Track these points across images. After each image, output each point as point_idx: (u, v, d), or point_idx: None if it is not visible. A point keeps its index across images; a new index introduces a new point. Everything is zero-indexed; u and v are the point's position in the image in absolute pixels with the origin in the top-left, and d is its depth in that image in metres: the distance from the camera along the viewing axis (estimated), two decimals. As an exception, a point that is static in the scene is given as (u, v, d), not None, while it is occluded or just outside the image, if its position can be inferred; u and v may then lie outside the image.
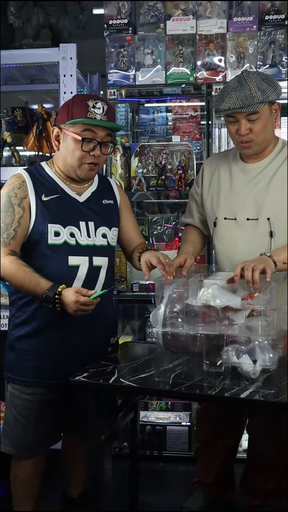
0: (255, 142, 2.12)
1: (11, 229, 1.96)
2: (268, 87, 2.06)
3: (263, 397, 1.72)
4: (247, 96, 2.03)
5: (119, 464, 3.08)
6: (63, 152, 2.03)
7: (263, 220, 2.15)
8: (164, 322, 1.87)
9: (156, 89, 3.25)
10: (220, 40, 2.97)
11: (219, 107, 2.11)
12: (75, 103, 1.99)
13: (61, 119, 2.03)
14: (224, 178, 2.26)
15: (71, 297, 1.85)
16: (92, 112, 1.96)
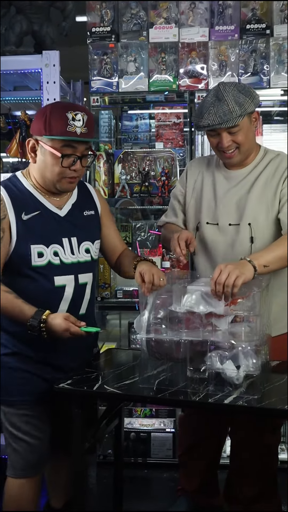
0: (239, 151, 2.14)
1: None
2: (246, 99, 2.07)
3: (247, 403, 1.72)
4: (225, 111, 2.04)
5: (104, 471, 3.06)
6: (41, 165, 1.92)
7: (244, 226, 2.16)
8: (148, 329, 1.87)
9: (139, 96, 3.27)
10: (202, 48, 3.00)
11: (198, 124, 2.11)
12: (53, 115, 1.86)
13: (37, 129, 1.89)
14: (207, 184, 2.28)
15: (61, 326, 1.80)
16: (72, 126, 1.85)
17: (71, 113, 1.85)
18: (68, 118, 1.84)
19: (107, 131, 3.29)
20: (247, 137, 2.13)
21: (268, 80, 2.96)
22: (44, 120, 1.86)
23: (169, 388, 1.83)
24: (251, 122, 2.14)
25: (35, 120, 1.92)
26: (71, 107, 1.90)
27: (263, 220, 2.15)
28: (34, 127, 1.91)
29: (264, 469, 2.33)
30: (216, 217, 2.22)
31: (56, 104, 2.01)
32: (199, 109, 2.13)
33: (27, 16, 2.95)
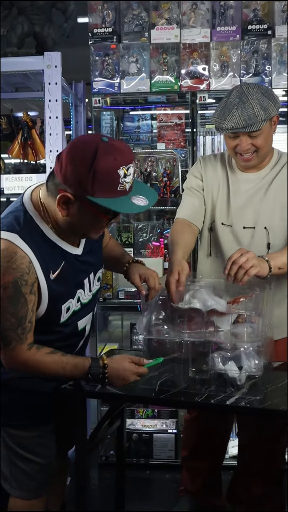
0: (257, 155, 2.12)
1: (26, 322, 1.65)
2: (269, 103, 2.03)
3: (249, 404, 1.72)
4: (250, 115, 2.00)
5: (106, 472, 3.07)
6: (74, 220, 1.63)
7: (260, 229, 2.15)
8: (150, 329, 1.88)
9: (141, 97, 3.27)
10: (203, 49, 3.00)
11: (221, 126, 2.05)
12: (103, 175, 1.52)
13: (76, 184, 1.55)
14: (221, 184, 2.25)
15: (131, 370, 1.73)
16: (123, 183, 1.56)
17: (124, 168, 1.55)
18: (120, 176, 1.55)
19: (108, 132, 3.29)
20: (267, 141, 2.11)
21: (269, 81, 2.96)
22: (91, 178, 1.53)
23: (171, 389, 1.83)
24: (271, 126, 2.11)
25: (71, 169, 1.55)
26: (123, 159, 1.56)
27: (278, 223, 2.14)
28: (71, 179, 1.56)
29: (272, 469, 2.33)
30: (230, 219, 2.20)
31: (104, 153, 1.53)
32: (221, 110, 2.07)
33: (28, 17, 2.95)
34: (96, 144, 1.54)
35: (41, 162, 3.00)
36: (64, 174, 1.57)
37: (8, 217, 1.68)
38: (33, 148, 2.99)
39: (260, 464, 2.32)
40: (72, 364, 1.70)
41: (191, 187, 2.29)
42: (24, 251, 1.62)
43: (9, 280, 1.60)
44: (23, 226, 1.65)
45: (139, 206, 1.60)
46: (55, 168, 1.62)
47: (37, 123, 2.99)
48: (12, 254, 1.60)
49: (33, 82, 3.13)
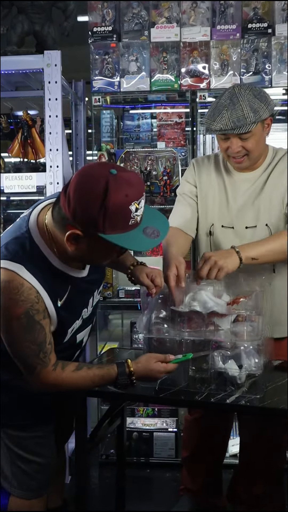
0: (248, 157, 2.11)
1: (46, 345, 1.64)
2: (261, 104, 2.01)
3: (249, 402, 1.73)
4: (239, 117, 1.99)
5: (106, 471, 3.07)
6: (84, 254, 1.60)
7: (261, 227, 2.15)
8: (150, 328, 1.88)
9: (141, 95, 3.26)
10: (204, 47, 3.00)
11: (210, 127, 2.04)
12: (115, 212, 1.48)
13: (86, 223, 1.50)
14: (217, 186, 2.23)
15: (158, 370, 1.72)
16: (134, 218, 1.52)
17: (135, 203, 1.51)
18: (131, 212, 1.51)
19: (108, 131, 3.29)
20: (258, 144, 2.09)
21: (269, 79, 2.95)
22: (102, 217, 1.48)
23: (171, 388, 1.83)
24: (264, 128, 2.10)
25: (81, 208, 1.50)
26: (134, 194, 1.51)
27: (278, 219, 2.14)
28: (81, 218, 1.51)
29: (273, 468, 2.33)
30: (231, 220, 2.19)
31: (115, 190, 1.48)
32: (212, 111, 2.06)
33: (28, 16, 2.95)
34: (105, 179, 1.48)
35: (41, 161, 3.00)
36: (73, 212, 1.51)
37: (12, 244, 1.63)
38: (33, 147, 2.99)
39: (261, 463, 2.32)
40: (99, 376, 1.71)
41: (184, 193, 2.28)
42: (30, 283, 1.58)
43: (21, 312, 1.58)
44: (29, 256, 1.61)
45: (152, 241, 1.58)
46: (61, 202, 1.56)
47: (37, 122, 2.98)
48: (19, 286, 1.57)
49: (33, 81, 3.13)
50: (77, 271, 1.72)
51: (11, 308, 1.58)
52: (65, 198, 1.54)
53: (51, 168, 2.78)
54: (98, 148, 3.23)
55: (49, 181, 2.78)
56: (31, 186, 2.87)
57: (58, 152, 2.78)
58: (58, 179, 2.79)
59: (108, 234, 1.51)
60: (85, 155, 3.41)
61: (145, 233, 1.57)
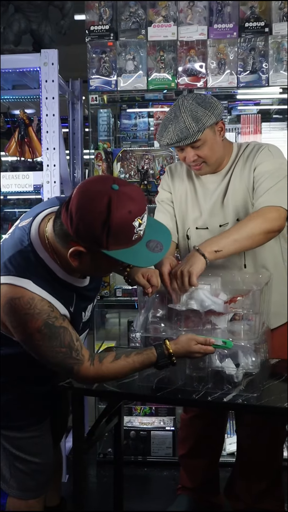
0: (206, 164, 2.12)
1: (75, 343, 1.64)
2: (205, 112, 2.01)
3: (246, 401, 1.73)
4: (182, 129, 2.00)
5: (104, 470, 3.07)
6: (87, 268, 1.60)
7: (232, 223, 2.15)
8: (147, 327, 1.88)
9: (138, 94, 3.26)
10: (201, 46, 2.99)
11: (160, 142, 2.08)
12: (119, 229, 1.48)
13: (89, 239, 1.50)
14: (188, 190, 2.26)
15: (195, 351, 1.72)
16: (137, 233, 1.52)
17: (138, 219, 1.50)
18: (135, 227, 1.50)
19: (105, 130, 3.29)
20: (212, 150, 2.09)
21: (267, 78, 2.95)
22: (106, 234, 1.47)
23: (168, 387, 1.83)
24: (216, 133, 2.09)
25: (84, 226, 1.48)
26: (137, 210, 1.50)
27: (246, 211, 2.14)
28: (84, 235, 1.50)
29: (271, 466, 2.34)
30: (204, 221, 2.21)
31: (118, 208, 1.47)
32: (161, 126, 2.08)
33: (25, 14, 2.95)
34: (107, 196, 1.47)
35: (38, 160, 3.00)
36: (76, 229, 1.50)
37: (16, 258, 1.61)
38: (30, 146, 2.99)
39: (258, 461, 2.32)
40: (139, 362, 1.72)
41: (162, 200, 2.33)
42: (41, 296, 1.57)
43: (39, 324, 1.56)
44: (35, 270, 1.60)
45: (155, 255, 1.58)
46: (63, 218, 1.54)
47: (34, 120, 2.98)
48: (30, 301, 1.56)
49: (30, 79, 3.12)
50: (79, 280, 1.73)
51: (28, 323, 1.56)
52: (67, 215, 1.52)
53: (48, 167, 2.78)
54: (95, 147, 3.23)
55: (46, 180, 2.78)
56: (28, 185, 2.87)
57: (55, 151, 2.78)
58: (55, 178, 2.79)
59: (112, 250, 1.50)
60: (82, 154, 3.41)
61: (148, 247, 1.57)
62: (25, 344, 1.63)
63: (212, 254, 1.90)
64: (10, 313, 1.57)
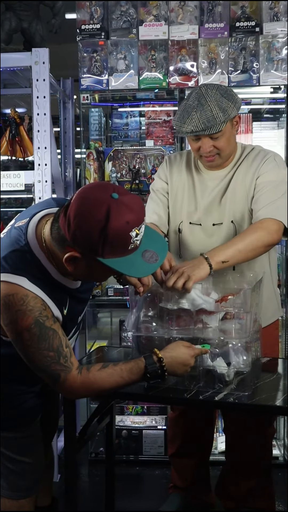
0: (219, 156, 2.12)
1: (64, 348, 1.61)
2: (229, 103, 2.03)
3: (237, 400, 1.73)
4: (209, 118, 2.00)
5: (95, 469, 3.07)
6: (81, 273, 1.61)
7: (227, 224, 2.16)
8: (138, 326, 1.88)
9: (129, 94, 3.26)
10: (192, 46, 3.00)
11: (181, 129, 2.05)
12: (115, 238, 1.48)
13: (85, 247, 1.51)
14: (186, 183, 2.25)
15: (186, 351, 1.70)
16: (133, 243, 1.52)
17: (136, 230, 1.51)
18: (131, 237, 1.51)
19: (97, 129, 3.28)
20: (229, 142, 2.11)
21: (257, 77, 2.96)
22: (102, 242, 1.48)
23: (160, 386, 1.83)
24: (233, 126, 2.11)
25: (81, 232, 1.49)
26: (135, 220, 1.50)
27: (243, 215, 2.15)
28: (81, 242, 1.51)
29: (260, 463, 2.35)
30: (199, 218, 2.21)
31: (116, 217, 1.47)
32: (181, 113, 2.07)
33: (16, 13, 2.94)
34: (106, 205, 1.47)
35: (29, 159, 2.99)
36: (73, 235, 1.51)
37: (12, 257, 1.61)
38: (21, 145, 2.98)
39: (248, 459, 2.33)
40: (127, 369, 1.66)
41: (157, 190, 2.30)
42: (35, 293, 1.57)
43: (30, 321, 1.55)
44: (31, 268, 1.60)
45: (150, 266, 1.58)
46: (61, 222, 1.55)
47: (25, 119, 2.97)
48: (24, 297, 1.55)
49: (20, 78, 3.12)
50: (72, 283, 1.72)
51: (19, 320, 1.55)
52: (65, 220, 1.52)
53: (39, 166, 2.78)
54: (86, 146, 3.23)
55: (38, 179, 2.78)
56: (19, 184, 2.86)
57: (46, 150, 2.78)
58: (47, 177, 2.78)
59: (107, 258, 1.51)
60: (74, 153, 3.41)
61: (144, 257, 1.57)
62: (15, 343, 1.62)
63: (219, 265, 1.92)
64: (4, 310, 1.57)
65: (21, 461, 1.86)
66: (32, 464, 1.89)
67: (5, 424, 1.83)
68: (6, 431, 1.84)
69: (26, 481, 1.89)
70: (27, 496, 1.91)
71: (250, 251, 1.98)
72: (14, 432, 1.84)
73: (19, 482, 1.88)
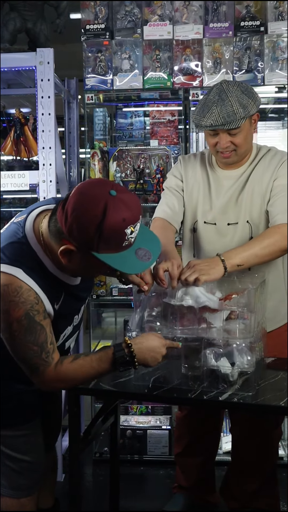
0: (236, 153, 2.12)
1: (48, 345, 1.64)
2: (249, 100, 2.04)
3: (242, 400, 1.73)
4: (229, 113, 2.01)
5: (100, 469, 3.07)
6: (76, 267, 1.62)
7: (242, 224, 2.16)
8: (142, 326, 1.88)
9: (134, 93, 3.26)
10: (196, 45, 3.00)
11: (200, 123, 2.06)
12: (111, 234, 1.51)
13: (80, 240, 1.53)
14: (201, 183, 2.25)
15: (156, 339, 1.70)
16: (128, 240, 1.55)
17: (131, 227, 1.53)
18: (126, 234, 1.53)
19: (101, 129, 3.29)
20: (246, 139, 2.11)
21: (262, 77, 2.96)
22: (98, 237, 1.51)
23: (164, 386, 1.83)
24: (251, 124, 2.12)
25: (78, 226, 1.51)
26: (131, 218, 1.53)
27: (259, 216, 2.15)
28: (77, 235, 1.53)
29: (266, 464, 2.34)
30: (214, 217, 2.20)
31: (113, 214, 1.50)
32: (201, 107, 2.08)
33: (21, 13, 2.94)
34: (104, 201, 1.50)
35: (33, 159, 3.00)
36: (69, 229, 1.53)
37: (10, 248, 1.64)
38: (26, 145, 2.98)
39: (253, 460, 2.33)
40: (97, 359, 1.67)
41: (171, 186, 2.30)
42: (29, 285, 1.59)
43: (21, 313, 1.58)
44: (27, 260, 1.62)
45: (143, 264, 1.60)
46: (58, 215, 1.57)
47: (30, 119, 2.98)
48: (18, 288, 1.58)
49: (25, 78, 3.12)
50: (71, 279, 1.73)
51: (11, 310, 1.58)
52: (63, 213, 1.55)
53: (44, 166, 2.78)
54: (91, 146, 3.23)
55: (42, 179, 2.78)
56: (24, 184, 2.87)
57: (51, 150, 2.78)
58: (51, 177, 2.78)
59: (101, 253, 1.53)
60: (78, 153, 3.41)
61: (137, 255, 1.59)
62: (3, 332, 1.63)
63: (234, 268, 1.93)
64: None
65: (21, 460, 1.87)
66: (32, 462, 1.89)
67: (5, 423, 1.83)
68: (6, 430, 1.84)
69: (26, 479, 1.89)
70: (28, 495, 1.91)
71: (266, 255, 1.99)
72: (14, 431, 1.85)
73: (19, 481, 1.88)
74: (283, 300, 2.24)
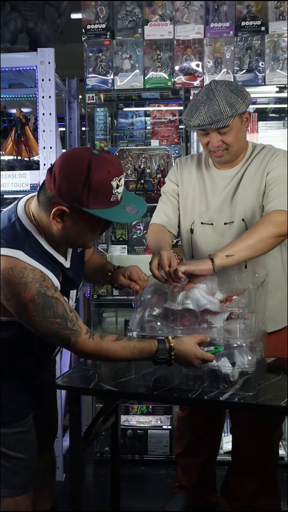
0: (228, 152, 2.13)
1: (69, 313, 1.68)
2: (237, 99, 2.05)
3: (242, 400, 1.73)
4: (216, 112, 2.02)
5: (101, 469, 3.07)
6: (69, 232, 1.66)
7: (238, 222, 2.17)
8: (143, 326, 1.88)
9: (135, 93, 3.26)
10: (197, 45, 3.00)
11: (188, 123, 2.09)
12: (98, 187, 1.57)
13: (71, 198, 1.59)
14: (197, 183, 2.26)
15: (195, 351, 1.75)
16: (115, 194, 1.62)
17: (116, 180, 1.61)
18: (113, 188, 1.60)
19: (102, 129, 3.28)
20: (237, 138, 2.12)
21: (263, 77, 2.95)
22: (87, 191, 1.57)
23: (165, 386, 1.83)
24: (242, 122, 2.12)
25: (66, 183, 1.59)
26: (115, 171, 1.61)
27: (252, 214, 2.15)
28: (66, 193, 1.59)
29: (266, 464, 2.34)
30: (210, 217, 2.21)
31: (98, 167, 1.58)
32: (190, 107, 2.10)
33: (21, 13, 2.94)
34: (88, 158, 1.58)
35: (34, 159, 3.00)
36: (58, 189, 1.59)
37: (6, 232, 1.67)
38: (27, 145, 2.99)
39: (254, 460, 2.33)
40: (140, 348, 1.74)
41: (167, 191, 2.34)
42: (32, 265, 1.63)
43: (32, 293, 1.61)
44: (24, 241, 1.66)
45: (132, 215, 1.68)
46: (46, 182, 1.64)
47: (31, 119, 2.98)
48: (22, 270, 1.61)
49: (26, 78, 3.12)
50: (63, 258, 1.77)
51: (22, 293, 1.60)
52: (51, 177, 1.62)
53: (44, 166, 2.78)
54: (92, 145, 3.22)
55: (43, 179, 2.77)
56: (24, 184, 2.87)
57: (51, 150, 2.78)
58: (52, 177, 2.78)
59: (92, 209, 1.59)
60: (79, 153, 3.40)
61: (125, 210, 1.67)
62: (20, 317, 1.66)
63: (223, 259, 1.92)
64: (4, 285, 1.61)
65: (15, 458, 1.87)
66: (26, 460, 1.89)
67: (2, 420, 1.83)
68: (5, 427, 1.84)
69: (21, 477, 1.90)
70: (23, 493, 1.91)
71: (257, 242, 1.97)
72: (8, 428, 1.85)
73: (14, 479, 1.88)
74: (284, 299, 2.24)
